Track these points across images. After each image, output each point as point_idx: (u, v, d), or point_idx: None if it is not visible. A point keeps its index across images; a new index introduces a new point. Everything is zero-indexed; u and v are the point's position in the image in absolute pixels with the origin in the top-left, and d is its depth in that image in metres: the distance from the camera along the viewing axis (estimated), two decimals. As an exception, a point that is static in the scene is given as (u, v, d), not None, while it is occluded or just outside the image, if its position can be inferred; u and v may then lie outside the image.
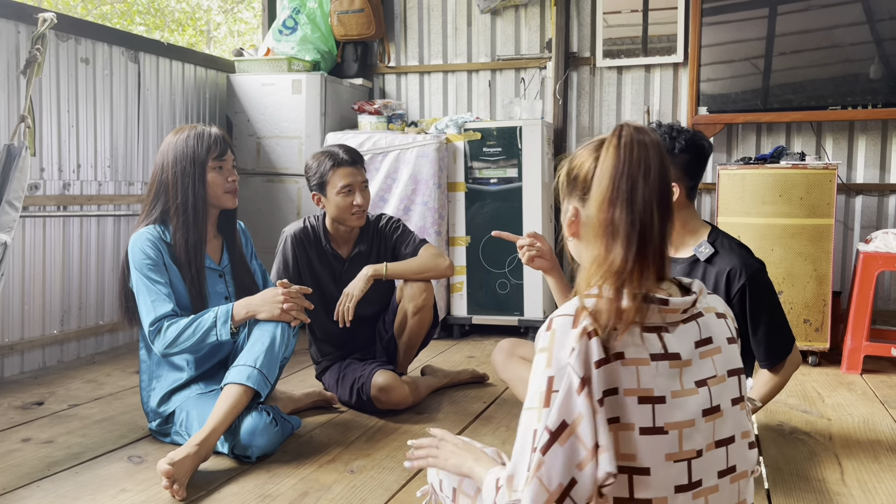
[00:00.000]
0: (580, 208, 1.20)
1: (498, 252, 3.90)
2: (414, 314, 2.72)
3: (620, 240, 1.09)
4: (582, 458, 1.03)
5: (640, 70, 4.26)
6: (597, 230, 1.12)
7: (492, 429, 2.47)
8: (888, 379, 3.17)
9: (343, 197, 2.64)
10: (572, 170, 1.21)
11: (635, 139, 1.11)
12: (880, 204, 3.91)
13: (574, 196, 1.21)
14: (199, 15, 12.65)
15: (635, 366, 1.06)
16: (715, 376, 1.13)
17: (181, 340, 2.19)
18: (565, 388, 1.04)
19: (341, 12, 4.42)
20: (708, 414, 1.10)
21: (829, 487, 2.01)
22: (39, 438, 2.37)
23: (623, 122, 1.15)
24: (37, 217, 3.21)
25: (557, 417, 1.04)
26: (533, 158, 3.82)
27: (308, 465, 2.14)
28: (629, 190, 1.09)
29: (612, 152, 1.11)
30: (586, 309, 1.08)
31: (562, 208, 1.26)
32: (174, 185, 2.28)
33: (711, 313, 1.18)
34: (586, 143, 1.23)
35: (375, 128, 4.14)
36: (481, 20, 4.52)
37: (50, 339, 3.30)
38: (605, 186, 1.11)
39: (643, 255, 1.10)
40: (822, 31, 3.71)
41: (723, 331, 1.18)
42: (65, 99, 3.34)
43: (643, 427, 1.05)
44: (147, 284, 2.22)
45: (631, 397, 1.05)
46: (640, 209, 1.09)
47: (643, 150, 1.11)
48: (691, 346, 1.12)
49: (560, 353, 1.06)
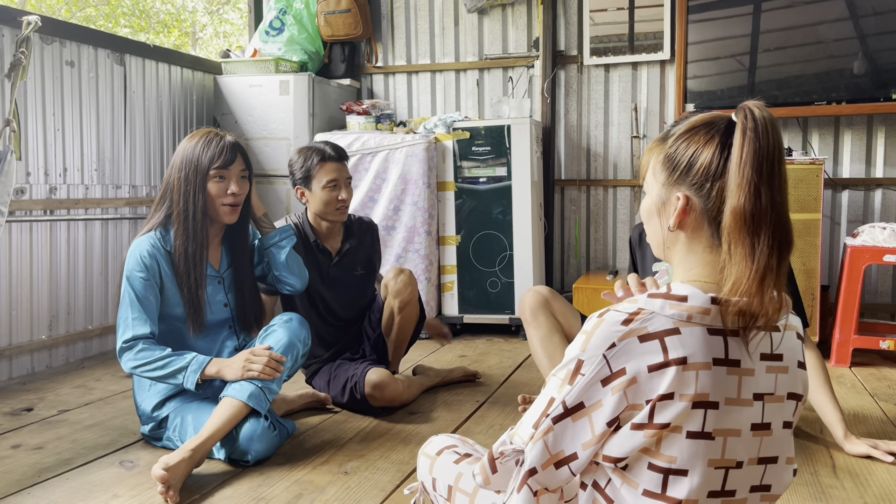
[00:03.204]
0: (693, 197, 1.12)
1: (488, 251, 3.90)
2: (401, 310, 2.74)
3: (766, 230, 1.04)
4: (587, 439, 1.06)
5: (627, 68, 4.27)
6: (743, 222, 1.05)
7: (485, 427, 2.47)
8: (877, 371, 3.19)
9: (329, 191, 2.67)
10: (678, 157, 1.13)
11: (767, 119, 1.06)
12: (866, 198, 3.95)
13: (683, 184, 1.12)
14: (185, 16, 12.58)
15: (696, 370, 1.03)
16: (773, 394, 1.11)
17: (149, 369, 2.15)
18: (591, 375, 1.05)
19: (328, 13, 4.41)
20: (757, 429, 1.08)
21: (821, 480, 2.02)
22: (29, 445, 2.35)
23: (743, 104, 1.09)
24: (23, 222, 3.18)
25: (576, 398, 1.05)
26: (522, 157, 3.82)
27: (302, 467, 2.14)
28: (770, 175, 1.05)
29: (751, 136, 1.05)
30: (645, 310, 1.05)
31: (652, 198, 1.18)
32: (177, 191, 2.23)
33: (792, 332, 1.15)
34: (681, 129, 1.16)
35: (364, 128, 4.14)
36: (468, 19, 4.52)
37: (38, 345, 3.27)
38: (748, 174, 1.04)
39: (784, 243, 1.06)
40: (807, 28, 3.74)
41: (796, 353, 1.15)
42: (50, 102, 3.32)
43: (691, 431, 1.04)
44: (132, 299, 2.19)
45: (685, 402, 1.03)
46: (779, 193, 1.06)
47: (775, 130, 1.07)
48: (757, 357, 1.09)
49: (598, 343, 1.05)
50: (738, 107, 1.09)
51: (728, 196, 1.07)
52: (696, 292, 1.06)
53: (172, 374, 2.15)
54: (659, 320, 1.05)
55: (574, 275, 4.44)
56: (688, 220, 1.14)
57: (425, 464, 1.45)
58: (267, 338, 2.30)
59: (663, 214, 1.17)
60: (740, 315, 1.04)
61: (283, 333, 2.29)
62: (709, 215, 1.12)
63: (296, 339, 2.30)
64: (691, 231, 1.14)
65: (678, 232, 1.15)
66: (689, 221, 1.14)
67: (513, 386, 2.99)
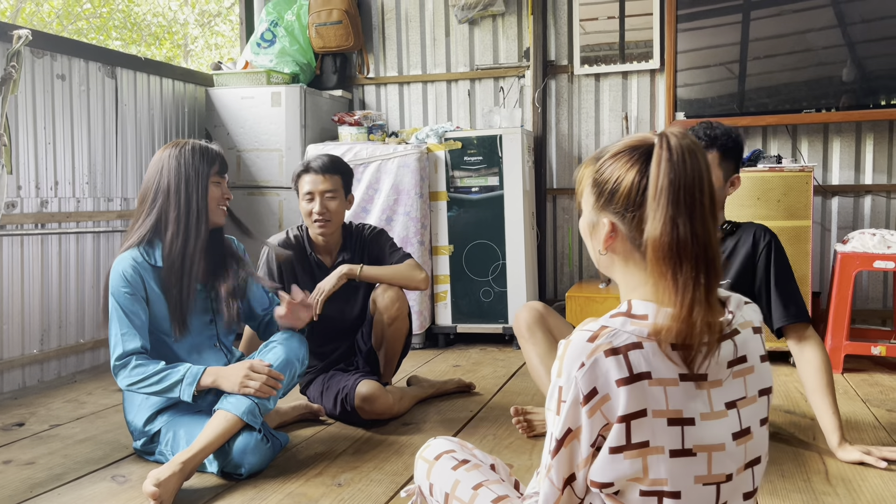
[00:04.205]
0: (618, 223, 1.12)
1: (481, 260, 3.91)
2: (389, 325, 2.72)
3: (688, 262, 1.04)
4: (581, 459, 1.07)
5: (617, 77, 4.29)
6: (662, 254, 1.04)
7: (479, 438, 2.47)
8: (869, 377, 3.20)
9: (305, 203, 2.70)
10: (604, 181, 1.13)
11: (685, 147, 1.05)
12: (856, 204, 3.97)
13: (609, 210, 1.12)
14: (176, 29, 12.60)
15: (663, 386, 1.03)
16: (745, 397, 1.11)
17: (144, 385, 2.14)
18: (571, 399, 1.05)
19: (319, 24, 4.43)
20: (739, 437, 1.09)
21: (814, 487, 2.02)
22: (21, 460, 2.34)
23: (662, 130, 1.08)
24: (14, 235, 3.17)
25: (563, 426, 1.06)
26: (514, 166, 3.84)
27: (295, 480, 2.13)
28: (689, 206, 1.04)
29: (666, 167, 1.04)
30: (608, 328, 1.05)
31: (585, 218, 1.19)
32: (176, 193, 2.22)
33: (748, 329, 1.14)
34: (610, 152, 1.14)
35: (356, 139, 4.15)
36: (459, 30, 4.54)
37: (30, 359, 3.26)
38: (664, 205, 1.04)
39: (709, 275, 1.05)
40: (795, 36, 3.77)
41: (757, 348, 1.15)
42: (41, 116, 3.32)
43: (673, 450, 1.04)
44: (120, 315, 2.18)
45: (660, 419, 1.03)
46: (700, 225, 1.04)
47: (694, 158, 1.05)
48: (723, 366, 1.09)
49: (570, 365, 1.05)
50: (659, 133, 1.08)
51: (646, 227, 1.06)
52: (655, 309, 1.06)
53: (169, 389, 2.14)
54: (622, 336, 1.04)
55: (567, 283, 4.44)
56: (616, 245, 1.14)
57: (423, 468, 1.44)
58: (267, 354, 2.30)
59: (595, 237, 1.17)
60: (675, 346, 1.04)
61: (283, 351, 2.29)
62: (633, 243, 1.12)
63: (294, 358, 2.30)
64: (623, 255, 1.14)
65: (612, 255, 1.15)
66: (617, 246, 1.14)
67: (507, 396, 2.99)
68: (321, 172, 2.69)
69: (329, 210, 2.68)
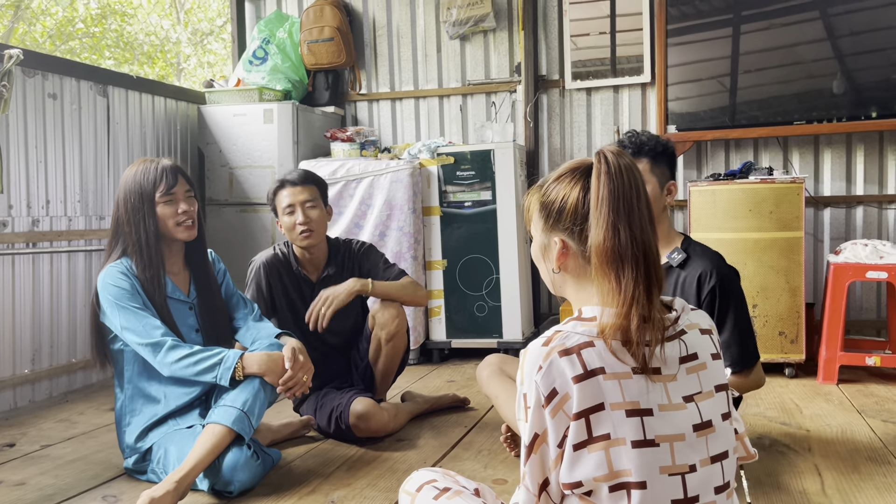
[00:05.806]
0: (568, 240, 1.21)
1: (475, 275, 3.90)
2: (388, 341, 2.71)
3: (629, 264, 1.13)
4: (551, 462, 1.12)
5: (608, 91, 4.31)
6: (605, 258, 1.14)
7: (473, 454, 2.45)
8: (864, 388, 3.20)
9: (287, 217, 2.68)
10: (550, 203, 1.22)
11: (621, 164, 1.15)
12: (848, 215, 3.98)
13: (558, 229, 1.22)
14: (169, 47, 12.63)
15: (618, 379, 1.10)
16: (701, 392, 1.16)
17: (181, 366, 2.17)
18: (533, 403, 1.11)
19: (311, 41, 4.44)
20: (699, 429, 1.14)
21: (810, 499, 2.01)
22: (11, 481, 2.31)
23: (599, 149, 1.19)
24: (5, 255, 3.16)
25: (531, 431, 1.12)
26: (506, 181, 3.84)
27: (288, 497, 2.11)
28: (628, 213, 1.13)
29: (605, 179, 1.14)
30: (560, 332, 1.13)
31: (537, 242, 1.27)
32: (128, 223, 2.27)
33: (695, 329, 1.21)
34: (553, 176, 1.24)
35: (349, 155, 4.15)
36: (451, 46, 4.56)
37: (21, 379, 3.23)
38: (605, 214, 1.13)
39: (648, 275, 1.13)
40: (785, 49, 3.80)
41: (707, 347, 1.21)
42: (33, 135, 3.31)
43: (634, 440, 1.09)
44: (132, 311, 2.21)
45: (618, 411, 1.09)
46: (639, 230, 1.14)
47: (630, 172, 1.15)
48: (675, 362, 1.15)
49: (530, 371, 1.12)
50: (596, 152, 1.18)
51: (590, 235, 1.16)
52: (603, 310, 1.14)
53: (205, 372, 2.17)
54: (573, 337, 1.12)
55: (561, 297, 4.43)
56: (568, 263, 1.23)
57: (406, 501, 1.45)
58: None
59: (548, 258, 1.26)
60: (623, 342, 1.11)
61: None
62: (583, 256, 1.21)
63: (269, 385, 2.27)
64: (575, 271, 1.23)
65: (564, 273, 1.25)
66: (569, 263, 1.23)
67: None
68: (298, 184, 2.69)
69: (312, 219, 2.67)
